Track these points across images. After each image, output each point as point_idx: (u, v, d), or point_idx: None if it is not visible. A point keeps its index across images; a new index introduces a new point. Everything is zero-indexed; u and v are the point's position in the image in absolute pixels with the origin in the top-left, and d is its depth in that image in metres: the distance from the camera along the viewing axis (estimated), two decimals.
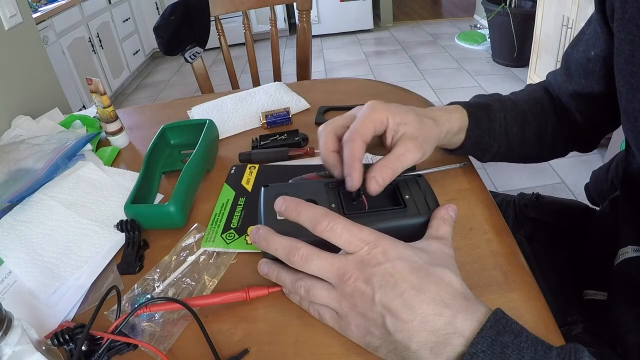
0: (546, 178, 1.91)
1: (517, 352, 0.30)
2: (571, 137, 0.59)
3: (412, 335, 0.32)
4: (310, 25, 1.33)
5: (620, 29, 0.44)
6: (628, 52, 0.43)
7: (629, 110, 0.44)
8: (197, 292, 0.45)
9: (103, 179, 0.63)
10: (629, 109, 0.44)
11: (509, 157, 0.59)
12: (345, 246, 0.36)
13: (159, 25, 1.24)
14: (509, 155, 0.58)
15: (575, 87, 0.55)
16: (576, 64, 0.55)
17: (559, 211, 0.70)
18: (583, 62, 0.53)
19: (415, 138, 0.45)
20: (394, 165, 0.43)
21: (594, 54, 0.51)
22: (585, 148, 0.62)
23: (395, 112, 0.45)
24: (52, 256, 0.51)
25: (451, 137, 0.52)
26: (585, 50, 0.53)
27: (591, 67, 0.52)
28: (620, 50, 0.44)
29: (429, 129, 0.47)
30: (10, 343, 0.31)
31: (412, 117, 0.46)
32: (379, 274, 0.34)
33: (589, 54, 0.52)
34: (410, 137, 0.45)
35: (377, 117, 0.44)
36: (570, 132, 0.59)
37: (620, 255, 0.50)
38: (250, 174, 0.62)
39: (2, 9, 0.99)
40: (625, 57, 0.43)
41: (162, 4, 4.00)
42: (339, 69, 3.46)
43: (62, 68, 2.65)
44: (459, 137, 0.53)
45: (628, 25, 0.42)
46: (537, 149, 0.59)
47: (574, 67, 0.55)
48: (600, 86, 0.52)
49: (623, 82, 0.44)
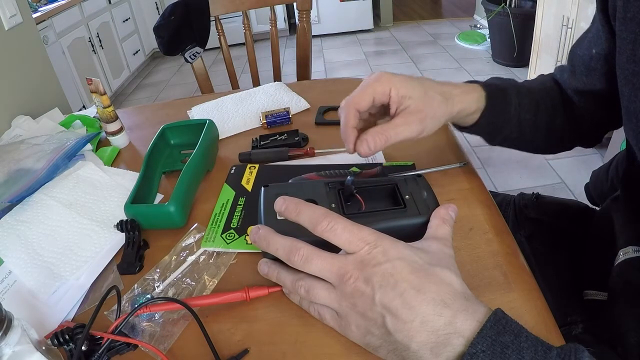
0: (546, 178, 1.91)
1: (517, 352, 0.29)
2: (576, 131, 0.59)
3: (412, 335, 0.32)
4: (310, 25, 1.33)
5: (623, 28, 0.43)
6: (630, 51, 0.43)
7: (631, 110, 0.44)
8: (197, 292, 0.45)
9: (103, 179, 0.63)
10: (630, 109, 0.44)
11: (518, 144, 0.59)
12: (345, 246, 0.36)
13: (159, 25, 1.24)
14: (519, 142, 0.58)
15: (578, 84, 0.55)
16: (580, 62, 0.55)
17: (559, 211, 0.70)
18: (586, 60, 0.53)
19: (418, 112, 0.45)
20: (388, 133, 0.44)
21: (595, 52, 0.51)
22: (587, 143, 0.62)
23: (401, 85, 0.45)
24: (52, 256, 0.51)
25: (464, 117, 0.52)
26: (588, 48, 0.53)
27: (593, 65, 0.52)
28: (622, 49, 0.44)
29: (436, 106, 0.47)
30: (10, 343, 0.31)
31: (419, 91, 0.46)
32: (379, 274, 0.34)
33: (591, 52, 0.52)
34: (413, 111, 0.45)
35: (379, 88, 0.45)
36: (576, 126, 0.59)
37: (620, 255, 0.50)
38: (250, 174, 0.62)
39: (2, 9, 0.99)
40: (627, 56, 0.43)
41: (162, 4, 4.00)
42: (339, 69, 3.46)
43: (62, 68, 2.64)
44: (473, 117, 0.52)
45: (630, 24, 0.42)
46: (546, 140, 0.59)
47: (578, 65, 0.55)
48: (602, 84, 0.52)
49: (625, 82, 0.44)
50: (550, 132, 0.58)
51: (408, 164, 0.59)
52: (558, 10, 2.15)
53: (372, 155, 0.48)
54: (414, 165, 0.59)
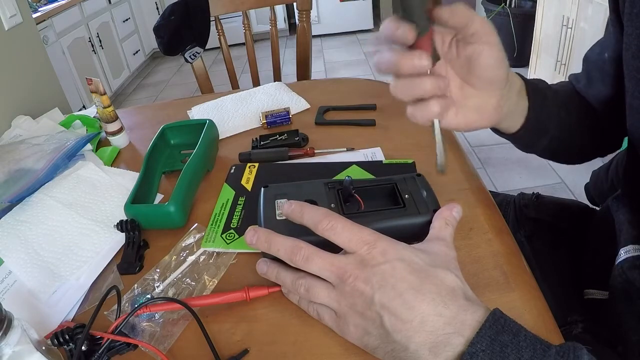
0: (546, 178, 1.91)
1: (516, 351, 0.30)
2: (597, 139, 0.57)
3: (411, 335, 0.32)
4: (310, 25, 1.33)
5: (629, 24, 0.43)
6: (635, 47, 0.42)
7: (634, 106, 0.44)
8: (197, 292, 0.45)
9: (103, 179, 0.63)
10: (634, 105, 0.44)
11: (562, 146, 0.55)
12: (345, 245, 0.36)
13: (159, 25, 1.24)
14: (562, 143, 0.54)
15: (595, 92, 0.54)
16: (594, 67, 0.54)
17: (559, 211, 0.70)
18: (599, 65, 0.52)
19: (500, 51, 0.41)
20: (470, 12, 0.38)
21: (607, 55, 0.51)
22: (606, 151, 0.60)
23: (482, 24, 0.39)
24: (52, 256, 0.51)
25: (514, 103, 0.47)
26: (600, 53, 0.52)
27: (607, 70, 0.51)
28: (628, 45, 0.44)
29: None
30: (10, 343, 0.31)
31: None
32: (379, 274, 0.34)
33: (603, 57, 0.51)
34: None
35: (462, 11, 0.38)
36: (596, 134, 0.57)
37: (622, 254, 0.50)
38: (250, 173, 0.62)
39: (2, 9, 0.99)
40: (633, 52, 0.43)
41: (162, 4, 4.00)
42: (339, 69, 3.46)
43: (62, 68, 2.65)
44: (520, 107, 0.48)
45: (637, 20, 0.42)
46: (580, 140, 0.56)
47: (593, 71, 0.54)
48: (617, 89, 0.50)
49: (629, 77, 0.44)
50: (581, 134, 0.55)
51: (408, 162, 0.59)
52: (558, 10, 2.15)
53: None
54: (413, 163, 0.59)
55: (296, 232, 0.39)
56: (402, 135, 0.69)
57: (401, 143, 0.66)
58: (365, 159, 0.63)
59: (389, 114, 0.75)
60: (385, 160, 0.61)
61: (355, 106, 0.79)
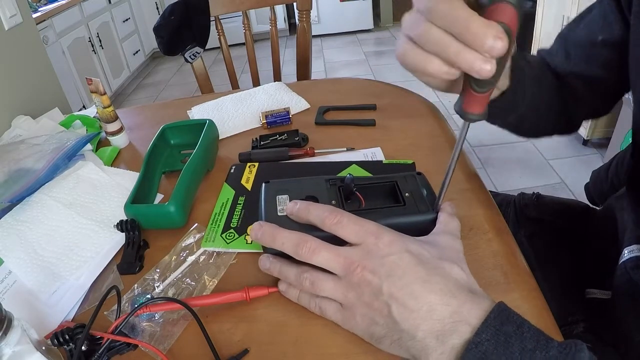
0: (546, 178, 1.91)
1: (519, 341, 0.30)
2: (565, 114, 0.58)
3: (419, 323, 0.32)
4: (310, 25, 1.33)
5: (637, 22, 0.43)
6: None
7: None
8: (197, 292, 0.45)
9: (103, 179, 0.63)
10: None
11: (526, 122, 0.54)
12: (351, 237, 0.37)
13: (159, 25, 1.24)
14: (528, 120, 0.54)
15: (573, 68, 0.54)
16: (576, 46, 0.53)
17: (560, 211, 0.70)
18: (585, 45, 0.52)
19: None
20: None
21: (601, 39, 0.50)
22: (569, 130, 0.61)
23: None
24: (52, 256, 0.51)
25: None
26: (589, 34, 0.52)
27: (596, 52, 0.51)
28: (636, 42, 0.44)
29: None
30: (10, 343, 0.31)
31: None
32: (387, 265, 0.35)
33: (593, 38, 0.51)
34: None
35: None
36: (565, 110, 0.57)
37: (625, 253, 0.50)
38: (250, 173, 0.61)
39: (2, 9, 0.99)
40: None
41: (162, 4, 4.00)
42: (339, 69, 3.46)
43: (62, 68, 2.65)
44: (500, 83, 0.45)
45: None
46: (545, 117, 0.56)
47: (574, 49, 0.54)
48: (603, 73, 0.51)
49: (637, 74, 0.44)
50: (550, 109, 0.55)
51: (408, 162, 0.59)
52: (558, 10, 2.15)
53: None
54: (413, 164, 0.59)
55: (296, 228, 0.40)
56: (402, 135, 0.69)
57: (401, 143, 0.66)
58: (365, 158, 0.63)
59: (389, 114, 0.75)
60: (385, 160, 0.61)
61: (355, 106, 0.79)
